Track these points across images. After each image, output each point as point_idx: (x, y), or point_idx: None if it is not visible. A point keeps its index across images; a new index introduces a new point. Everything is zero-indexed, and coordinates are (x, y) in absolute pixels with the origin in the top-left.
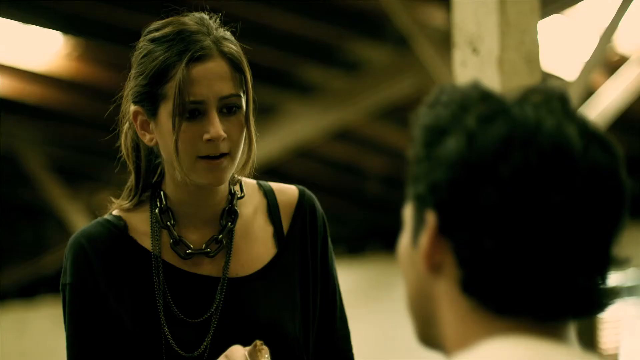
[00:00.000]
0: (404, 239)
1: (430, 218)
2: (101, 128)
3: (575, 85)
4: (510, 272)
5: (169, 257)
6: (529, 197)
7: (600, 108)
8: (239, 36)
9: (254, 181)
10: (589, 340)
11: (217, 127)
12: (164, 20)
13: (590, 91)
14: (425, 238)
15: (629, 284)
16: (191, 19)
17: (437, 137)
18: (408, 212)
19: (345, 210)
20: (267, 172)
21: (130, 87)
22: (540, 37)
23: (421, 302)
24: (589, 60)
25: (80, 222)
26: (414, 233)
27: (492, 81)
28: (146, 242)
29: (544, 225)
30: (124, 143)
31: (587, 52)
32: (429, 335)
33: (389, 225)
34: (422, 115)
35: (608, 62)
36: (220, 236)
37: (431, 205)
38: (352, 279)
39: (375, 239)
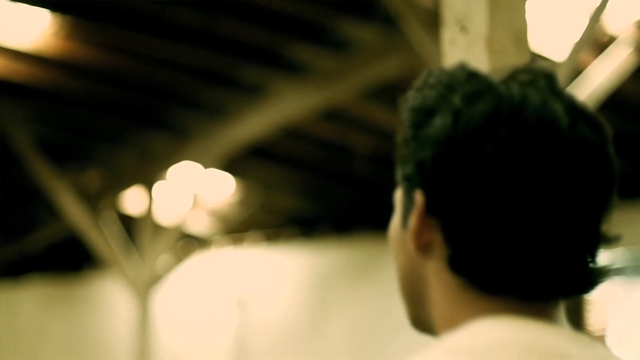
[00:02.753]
0: (394, 222)
1: (418, 197)
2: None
3: (565, 65)
4: (497, 250)
5: None
6: (515, 173)
7: (589, 88)
8: (227, 16)
9: None
10: (576, 320)
11: None
12: None
13: (579, 71)
14: (413, 218)
15: (617, 264)
16: None
17: (425, 118)
18: (398, 195)
19: (333, 190)
20: (256, 151)
21: None
22: (530, 17)
23: (412, 283)
24: (578, 40)
25: (68, 201)
26: (404, 215)
27: (481, 60)
28: None
29: (530, 202)
30: None
31: (576, 32)
32: (420, 317)
33: (376, 205)
34: (409, 99)
35: (597, 42)
36: None
37: (418, 185)
38: (339, 259)
39: (363, 218)
